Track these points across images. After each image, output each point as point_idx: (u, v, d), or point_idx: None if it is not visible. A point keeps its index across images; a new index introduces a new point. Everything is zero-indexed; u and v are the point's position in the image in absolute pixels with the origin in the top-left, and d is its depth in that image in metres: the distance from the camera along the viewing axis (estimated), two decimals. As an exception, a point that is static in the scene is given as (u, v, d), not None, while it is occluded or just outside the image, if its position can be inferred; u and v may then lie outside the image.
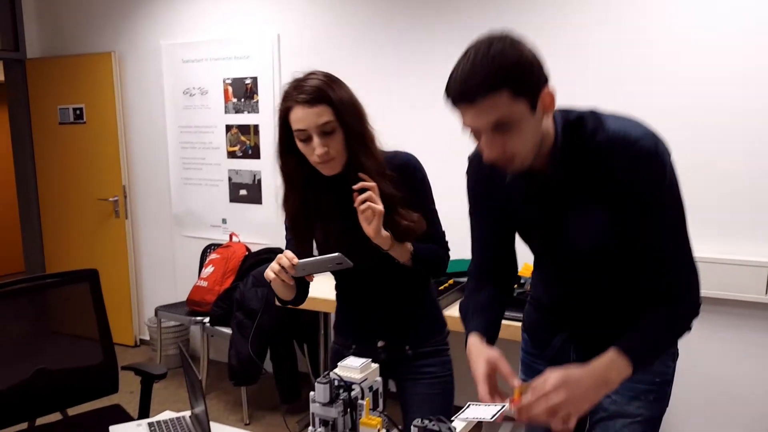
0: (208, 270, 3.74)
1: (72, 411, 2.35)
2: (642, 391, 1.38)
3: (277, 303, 1.69)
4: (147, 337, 4.52)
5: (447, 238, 1.75)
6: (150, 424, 1.70)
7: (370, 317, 1.73)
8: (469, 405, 1.23)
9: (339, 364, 1.37)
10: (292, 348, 3.50)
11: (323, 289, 1.84)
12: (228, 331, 3.44)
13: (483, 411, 1.18)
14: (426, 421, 1.17)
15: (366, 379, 1.36)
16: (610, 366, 1.18)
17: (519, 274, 3.13)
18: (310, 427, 1.30)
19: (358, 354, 1.55)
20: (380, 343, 1.72)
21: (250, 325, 3.31)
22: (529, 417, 1.14)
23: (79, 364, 2.31)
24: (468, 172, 1.45)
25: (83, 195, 4.56)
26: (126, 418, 2.25)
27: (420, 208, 1.65)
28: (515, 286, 1.52)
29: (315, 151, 1.51)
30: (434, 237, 1.71)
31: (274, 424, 3.40)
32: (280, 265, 1.49)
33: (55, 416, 2.33)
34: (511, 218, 1.39)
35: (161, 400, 3.67)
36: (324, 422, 1.29)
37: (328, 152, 1.52)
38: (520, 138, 1.13)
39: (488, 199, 1.41)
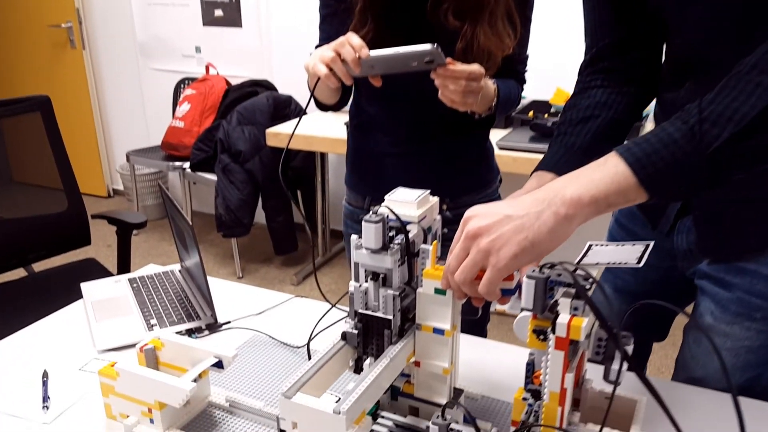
0: (184, 108, 3.32)
1: (38, 267, 2.09)
2: (757, 308, 0.90)
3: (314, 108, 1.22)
4: (120, 187, 4.18)
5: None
6: (131, 280, 1.34)
7: (400, 162, 1.31)
8: (590, 246, 0.84)
9: (387, 197, 0.94)
10: (285, 195, 3.21)
11: (322, 124, 1.38)
12: (212, 177, 3.13)
13: (618, 254, 0.79)
14: (544, 271, 0.78)
15: (425, 217, 0.96)
16: (581, 170, 0.72)
17: (550, 101, 2.70)
18: (352, 282, 0.92)
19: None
20: None
21: (238, 169, 2.98)
22: (453, 282, 0.78)
23: (40, 212, 2.03)
24: None
25: (30, 21, 4.03)
26: (103, 273, 2.00)
27: (519, 14, 1.20)
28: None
29: None
30: (520, 62, 1.29)
31: (269, 277, 3.18)
32: (338, 54, 1.03)
33: (19, 272, 2.07)
34: None
35: (142, 254, 3.46)
36: (374, 275, 0.91)
37: None
38: None
39: None
